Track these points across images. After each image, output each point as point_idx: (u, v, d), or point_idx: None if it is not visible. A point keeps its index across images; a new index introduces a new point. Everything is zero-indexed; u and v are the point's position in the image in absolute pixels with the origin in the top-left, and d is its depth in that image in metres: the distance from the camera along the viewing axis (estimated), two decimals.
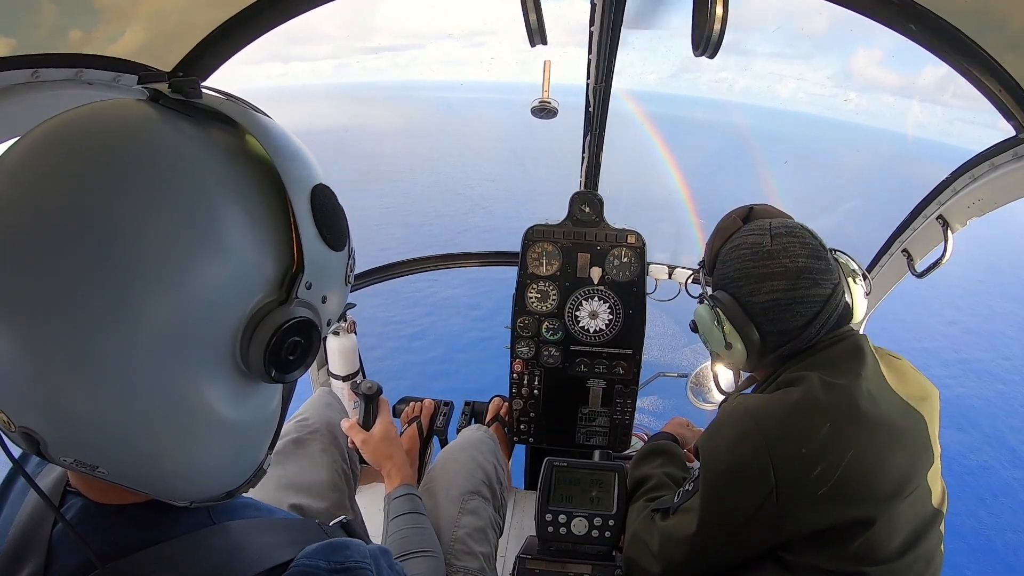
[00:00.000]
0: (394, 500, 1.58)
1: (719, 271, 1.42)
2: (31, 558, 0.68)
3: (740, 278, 1.34)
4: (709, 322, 1.40)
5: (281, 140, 0.71)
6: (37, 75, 1.18)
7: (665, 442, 1.81)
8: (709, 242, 1.47)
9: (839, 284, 1.33)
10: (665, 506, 1.42)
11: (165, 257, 0.59)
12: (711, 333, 1.41)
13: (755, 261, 1.32)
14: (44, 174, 0.58)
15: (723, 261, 1.40)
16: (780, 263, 1.30)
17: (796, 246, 1.31)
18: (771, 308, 1.31)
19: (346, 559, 0.75)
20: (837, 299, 1.32)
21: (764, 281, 1.31)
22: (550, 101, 2.15)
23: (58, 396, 0.58)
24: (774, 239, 1.32)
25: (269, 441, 0.81)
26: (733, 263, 1.37)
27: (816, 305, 1.30)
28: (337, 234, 0.75)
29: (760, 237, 1.34)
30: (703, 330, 1.46)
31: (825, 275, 1.30)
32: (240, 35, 1.57)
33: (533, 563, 1.54)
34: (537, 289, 2.40)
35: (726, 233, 1.43)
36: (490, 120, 74.75)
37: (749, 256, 1.34)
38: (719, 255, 1.43)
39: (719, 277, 1.42)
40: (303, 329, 0.70)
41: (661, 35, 2.09)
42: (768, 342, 1.35)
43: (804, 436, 1.19)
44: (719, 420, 1.34)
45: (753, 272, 1.32)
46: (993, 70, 1.50)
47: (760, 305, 1.32)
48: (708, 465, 1.30)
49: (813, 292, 1.29)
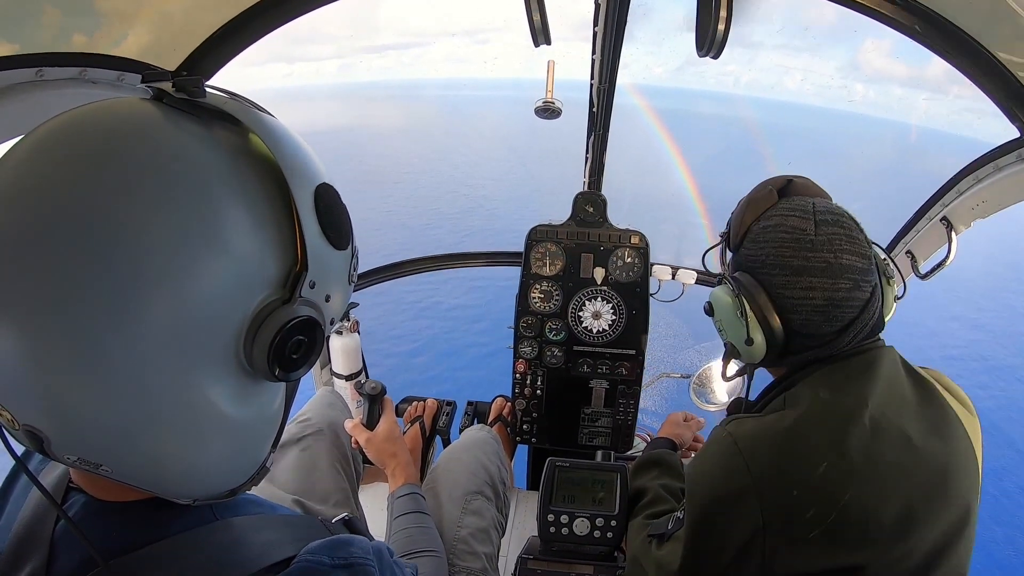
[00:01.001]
0: (398, 499, 1.59)
1: (748, 251, 1.24)
2: (34, 555, 0.69)
3: (774, 265, 1.17)
4: (731, 311, 1.25)
5: (285, 139, 0.71)
6: (41, 74, 1.18)
7: (661, 451, 1.72)
8: (738, 213, 1.28)
9: (876, 287, 1.18)
10: (659, 531, 1.34)
11: (169, 256, 0.59)
12: (731, 323, 1.25)
13: (794, 249, 1.15)
14: (48, 173, 0.58)
15: (755, 240, 1.22)
16: (823, 257, 1.13)
17: (842, 239, 1.14)
18: (804, 307, 1.16)
19: (349, 555, 0.75)
20: (874, 305, 1.17)
21: (802, 275, 1.14)
22: (554, 101, 2.15)
23: (62, 394, 0.58)
24: (819, 227, 1.15)
25: (272, 439, 0.81)
26: (767, 246, 1.19)
27: (853, 311, 1.15)
28: (341, 233, 0.75)
29: (803, 221, 1.16)
30: (722, 317, 1.30)
31: (867, 276, 1.16)
32: (244, 35, 1.58)
33: (535, 563, 1.54)
34: (540, 289, 2.40)
35: (760, 207, 1.24)
36: (494, 119, 74.62)
37: (788, 242, 1.16)
38: (749, 232, 1.24)
39: (747, 258, 1.24)
40: (307, 328, 0.70)
41: (667, 28, 2.09)
42: (793, 343, 1.21)
43: (797, 475, 1.09)
44: (707, 449, 1.24)
45: (791, 262, 1.15)
46: (997, 71, 1.49)
47: (793, 301, 1.16)
48: (693, 499, 1.20)
49: (853, 295, 1.14)
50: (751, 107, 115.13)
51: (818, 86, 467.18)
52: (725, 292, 1.28)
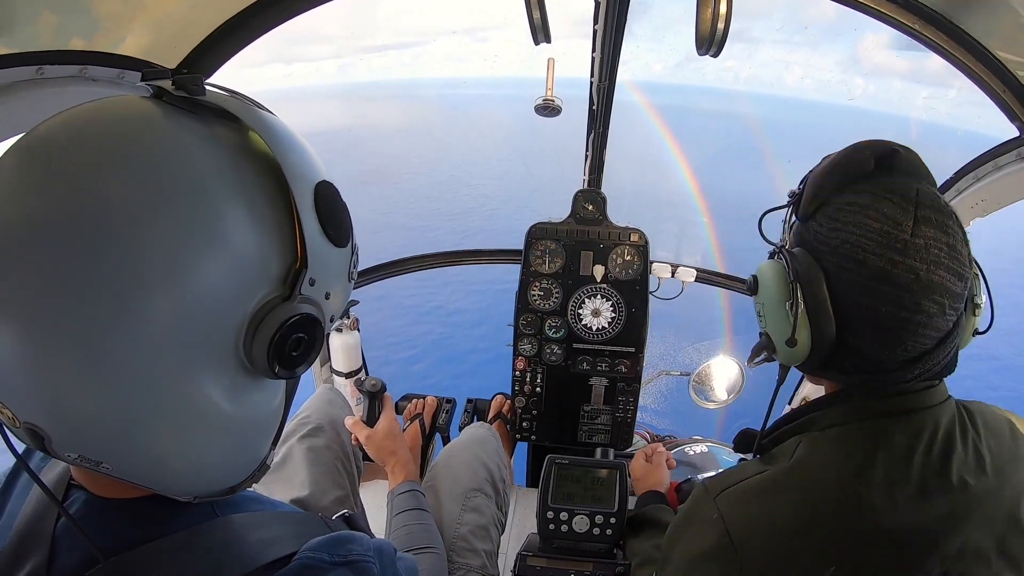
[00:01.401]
0: (397, 496, 1.59)
1: (820, 227, 0.99)
2: (35, 553, 0.69)
3: (847, 257, 0.94)
4: (777, 296, 1.02)
5: (284, 137, 0.71)
6: (41, 72, 1.18)
7: (653, 508, 1.56)
8: (819, 175, 1.02)
9: (961, 317, 0.94)
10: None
11: (169, 254, 0.59)
12: (775, 312, 1.03)
13: (880, 245, 0.91)
14: (48, 172, 0.58)
15: (832, 216, 0.97)
16: (912, 266, 0.89)
17: (942, 249, 0.90)
18: (870, 322, 0.93)
19: (349, 552, 0.75)
20: (954, 340, 0.95)
21: (881, 281, 0.90)
22: (554, 99, 2.15)
23: (62, 392, 0.58)
24: (918, 225, 0.90)
25: (272, 437, 0.81)
26: (846, 229, 0.94)
27: (929, 341, 0.93)
28: (340, 230, 0.75)
29: (900, 211, 0.91)
30: (765, 300, 1.07)
31: (956, 303, 0.92)
32: (243, 33, 1.58)
33: (534, 560, 1.54)
34: (540, 287, 2.40)
35: (849, 174, 0.98)
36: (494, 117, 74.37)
37: (876, 234, 0.91)
38: (829, 202, 0.99)
39: (815, 234, 0.99)
40: (307, 325, 0.70)
41: (667, 24, 2.08)
42: (842, 358, 0.99)
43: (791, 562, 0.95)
44: (687, 514, 1.10)
45: (871, 260, 0.91)
46: (996, 70, 1.49)
47: (859, 308, 0.94)
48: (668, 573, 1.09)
49: (934, 323, 0.91)
50: (751, 103, 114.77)
51: (818, 81, 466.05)
52: (776, 271, 1.04)
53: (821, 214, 1.00)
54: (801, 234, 1.04)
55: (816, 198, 1.01)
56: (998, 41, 1.45)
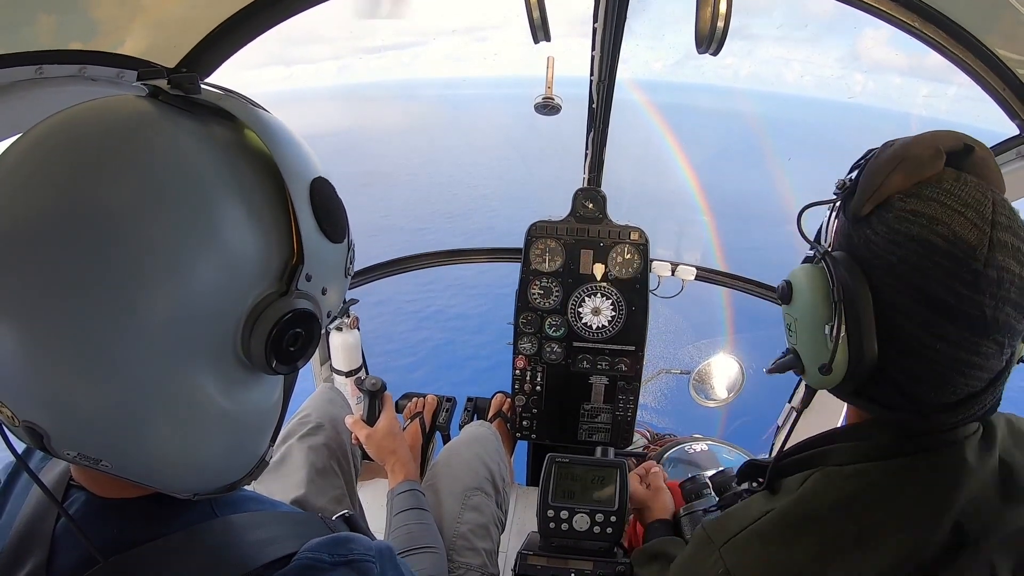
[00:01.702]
0: (397, 495, 1.59)
1: (874, 234, 0.85)
2: (34, 553, 0.69)
3: (906, 280, 0.81)
4: (816, 316, 0.89)
5: (280, 134, 0.71)
6: (41, 71, 1.18)
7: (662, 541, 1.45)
8: (877, 169, 0.86)
9: (1015, 355, 0.83)
10: None
11: (165, 252, 0.59)
12: (809, 331, 0.91)
13: (947, 274, 0.77)
14: (44, 172, 0.58)
15: (891, 226, 0.82)
16: (980, 302, 0.77)
17: (1014, 282, 0.77)
18: (922, 359, 0.82)
19: (349, 552, 0.75)
20: (1004, 379, 0.84)
21: (941, 315, 0.79)
22: (554, 97, 2.15)
23: (61, 390, 0.58)
24: (992, 252, 0.76)
25: (271, 433, 0.81)
26: (908, 247, 0.80)
27: (979, 383, 0.82)
28: (336, 226, 0.75)
29: (974, 234, 0.77)
30: (798, 316, 0.94)
31: (1014, 340, 0.81)
32: (242, 32, 1.58)
33: (535, 559, 1.54)
34: (540, 285, 2.40)
35: (916, 173, 0.83)
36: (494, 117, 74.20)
37: (943, 258, 0.77)
38: (888, 204, 0.84)
39: (868, 242, 0.85)
40: (304, 320, 0.70)
41: (666, 21, 2.07)
42: (878, 389, 0.88)
43: None
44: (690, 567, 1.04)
45: (932, 290, 0.78)
46: (996, 68, 1.49)
47: (909, 340, 0.82)
48: None
49: (989, 364, 0.81)
50: (751, 100, 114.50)
51: (818, 78, 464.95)
52: (817, 284, 0.90)
53: (877, 218, 0.85)
54: (849, 237, 0.89)
55: (873, 197, 0.85)
56: (997, 39, 1.45)
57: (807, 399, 1.05)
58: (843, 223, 0.92)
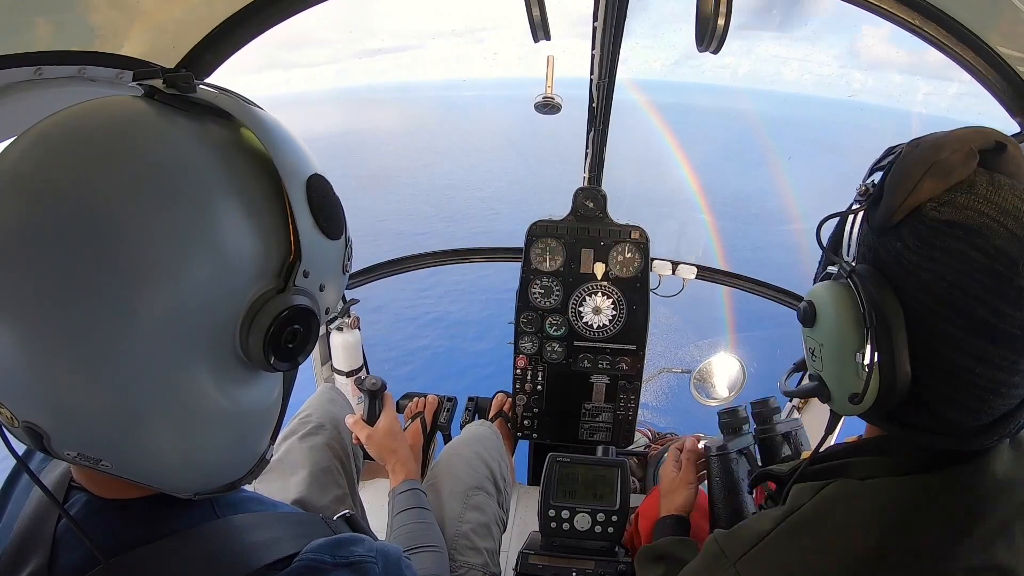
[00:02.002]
0: (398, 495, 1.59)
1: (905, 248, 0.78)
2: (35, 554, 0.69)
3: (944, 300, 0.74)
4: (845, 343, 0.82)
5: (275, 132, 0.71)
6: (40, 72, 1.18)
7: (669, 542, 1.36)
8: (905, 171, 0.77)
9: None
10: None
11: (163, 251, 0.60)
12: (839, 360, 0.84)
13: (988, 292, 0.72)
14: (41, 173, 0.59)
15: (925, 239, 0.76)
16: (1021, 320, 0.71)
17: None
18: (961, 383, 0.76)
19: (351, 554, 0.76)
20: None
21: (981, 335, 0.73)
22: (554, 96, 2.15)
23: (60, 390, 0.59)
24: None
25: (271, 431, 0.81)
26: (945, 262, 0.74)
27: (1013, 400, 0.77)
28: (333, 223, 0.75)
29: (1016, 247, 0.71)
30: (824, 341, 0.87)
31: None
32: (241, 32, 1.58)
33: (536, 558, 1.54)
34: (541, 285, 2.40)
35: (948, 179, 0.75)
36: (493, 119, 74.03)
37: (984, 274, 0.72)
38: (919, 213, 0.76)
39: (897, 256, 0.79)
40: (302, 317, 0.70)
41: (664, 21, 2.07)
42: (909, 413, 0.82)
43: None
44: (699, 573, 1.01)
45: (974, 309, 0.73)
46: (998, 66, 1.48)
47: (945, 363, 0.76)
48: None
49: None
50: (750, 99, 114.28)
51: (817, 76, 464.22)
52: (844, 307, 0.82)
53: (908, 229, 0.77)
54: (875, 249, 0.82)
55: (903, 205, 0.77)
56: (998, 36, 1.45)
57: (832, 424, 0.96)
58: (867, 233, 0.85)
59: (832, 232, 0.94)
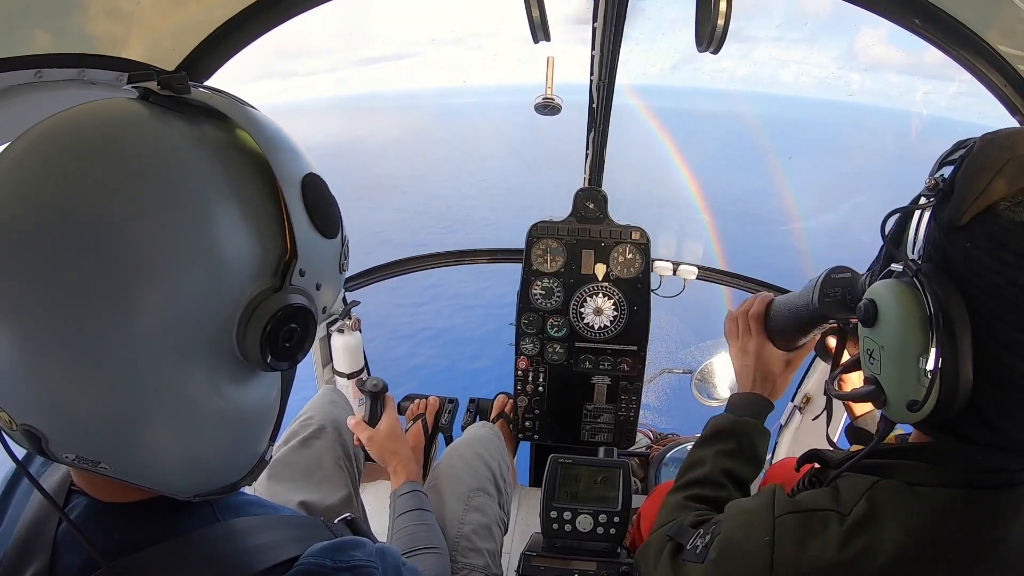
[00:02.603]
0: (400, 497, 1.59)
1: (974, 248, 0.72)
2: (36, 558, 0.69)
3: (1014, 306, 0.70)
4: (908, 347, 0.77)
5: (270, 132, 0.71)
6: (40, 75, 1.18)
7: (739, 422, 1.27)
8: (979, 165, 0.73)
9: None
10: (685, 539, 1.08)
11: (159, 252, 0.60)
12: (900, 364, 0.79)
13: None
14: (38, 175, 0.59)
15: (997, 239, 0.70)
16: None
17: None
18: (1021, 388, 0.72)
19: (351, 558, 0.75)
20: None
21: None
22: (554, 97, 2.15)
23: (58, 392, 0.59)
24: None
25: (270, 432, 0.81)
26: (1017, 266, 0.69)
27: None
28: (329, 222, 0.75)
29: None
30: (887, 344, 0.81)
31: None
32: (240, 35, 1.58)
33: (538, 560, 1.54)
34: (542, 286, 2.40)
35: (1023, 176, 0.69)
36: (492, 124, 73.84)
37: None
38: (994, 212, 0.70)
39: (966, 255, 0.73)
40: (298, 316, 0.70)
41: (661, 26, 2.07)
42: (966, 425, 0.78)
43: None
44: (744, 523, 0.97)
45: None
46: (997, 64, 1.49)
47: (1010, 371, 0.72)
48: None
49: None
50: (749, 102, 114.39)
51: (815, 78, 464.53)
52: (910, 308, 0.77)
53: (979, 229, 0.71)
54: (943, 249, 0.77)
55: (976, 202, 0.71)
56: (998, 35, 1.45)
57: (885, 431, 0.91)
58: (934, 231, 0.79)
59: (893, 227, 0.89)
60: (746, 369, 1.34)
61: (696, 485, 1.24)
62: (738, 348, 1.37)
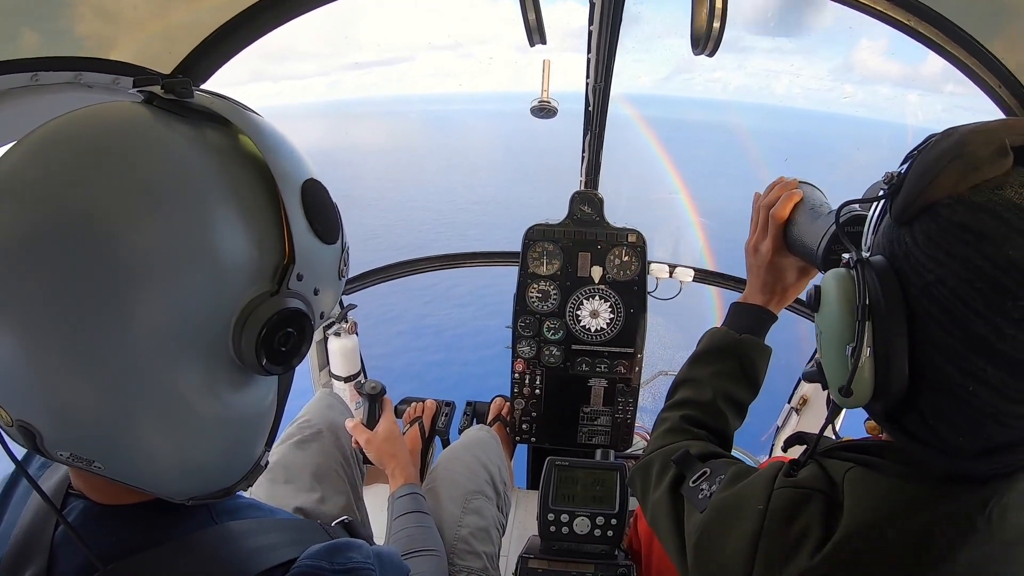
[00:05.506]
0: (398, 499, 1.59)
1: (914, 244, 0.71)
2: (34, 560, 0.69)
3: (943, 307, 0.68)
4: (836, 334, 0.78)
5: (271, 137, 0.72)
6: (36, 78, 1.18)
7: (738, 341, 1.22)
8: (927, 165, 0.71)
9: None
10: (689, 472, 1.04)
11: (159, 254, 0.60)
12: (831, 351, 0.80)
13: (991, 308, 0.64)
14: (40, 178, 0.59)
15: (934, 237, 0.69)
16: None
17: None
18: (955, 398, 0.70)
19: (348, 560, 0.75)
20: None
21: (978, 351, 0.67)
22: (550, 101, 2.15)
23: (53, 390, 0.59)
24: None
25: (266, 436, 0.81)
26: (949, 266, 0.67)
27: (1016, 433, 0.71)
28: (328, 227, 0.75)
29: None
30: (824, 331, 0.83)
31: None
32: (237, 38, 1.58)
33: (536, 562, 1.54)
34: (538, 289, 2.40)
35: (972, 175, 0.67)
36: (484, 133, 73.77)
37: (987, 280, 0.65)
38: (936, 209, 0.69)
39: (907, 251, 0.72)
40: (295, 320, 0.70)
41: (654, 36, 2.08)
42: (909, 420, 0.77)
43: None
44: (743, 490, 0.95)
45: (970, 320, 0.66)
46: (993, 67, 1.49)
47: (942, 377, 0.71)
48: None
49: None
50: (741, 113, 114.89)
51: (808, 89, 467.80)
52: (843, 295, 0.78)
53: (919, 226, 0.71)
54: (892, 242, 0.75)
55: (919, 199, 0.70)
56: (997, 40, 1.46)
57: (831, 415, 0.93)
58: (888, 224, 0.78)
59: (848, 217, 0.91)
60: (756, 270, 1.29)
61: (693, 406, 1.21)
62: (752, 244, 1.30)
